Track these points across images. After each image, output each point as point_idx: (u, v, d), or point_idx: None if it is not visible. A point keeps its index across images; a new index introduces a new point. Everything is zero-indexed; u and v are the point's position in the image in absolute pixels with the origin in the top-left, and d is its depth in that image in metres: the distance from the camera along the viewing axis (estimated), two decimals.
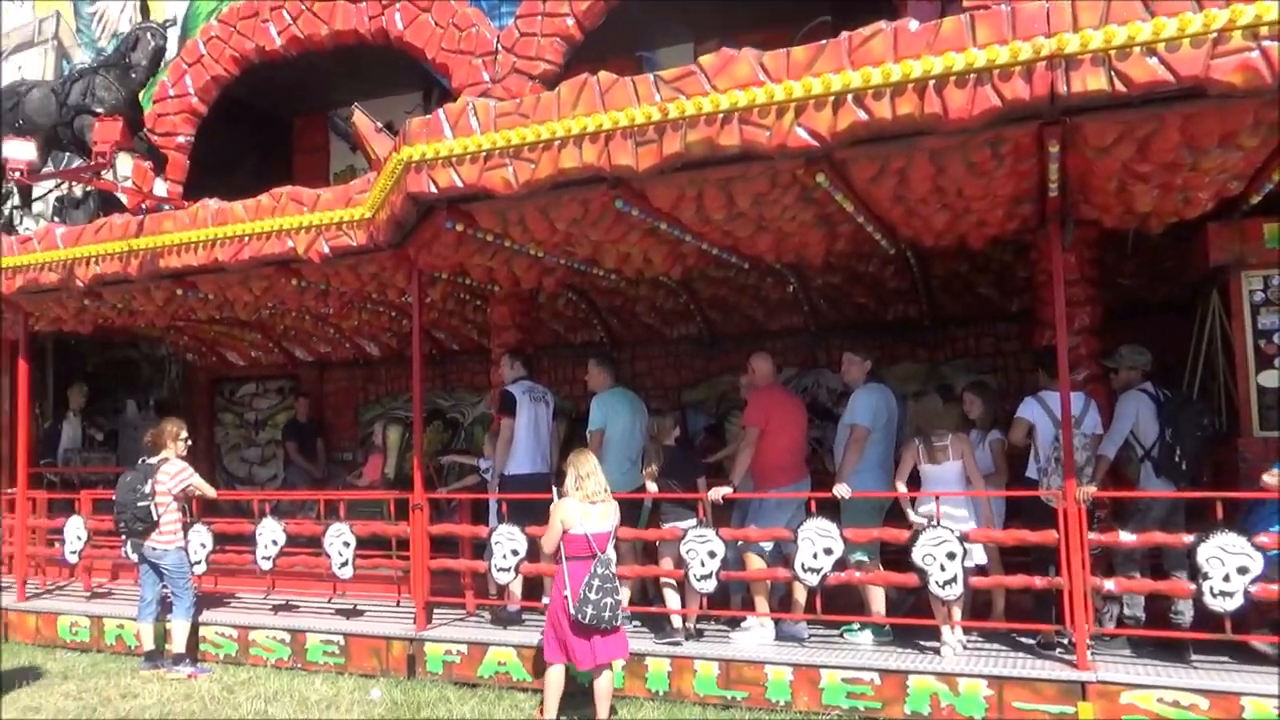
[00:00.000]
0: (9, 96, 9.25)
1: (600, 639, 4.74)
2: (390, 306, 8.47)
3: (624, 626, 4.97)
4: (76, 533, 7.74)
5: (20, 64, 10.61)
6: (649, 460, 5.98)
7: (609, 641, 4.78)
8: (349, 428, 10.71)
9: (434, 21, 8.15)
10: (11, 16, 11.16)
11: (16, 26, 11.07)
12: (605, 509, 4.86)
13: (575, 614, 4.64)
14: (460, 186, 4.77)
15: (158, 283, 7.04)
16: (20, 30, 11.04)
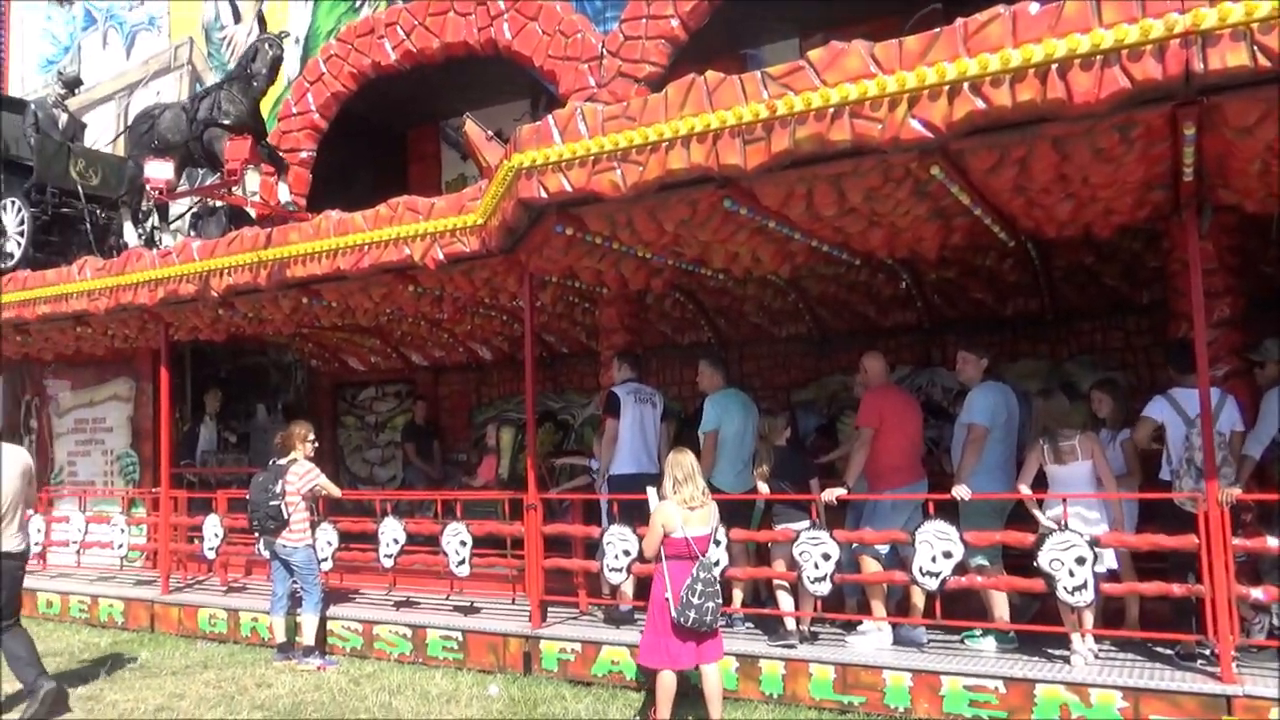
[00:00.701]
0: (144, 120, 9.85)
1: (698, 640, 4.73)
2: (502, 311, 8.66)
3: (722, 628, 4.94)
4: (214, 530, 8.19)
5: (159, 89, 11.31)
6: (760, 461, 5.92)
7: (707, 643, 4.77)
8: (463, 430, 10.99)
9: (541, 29, 8.30)
10: (150, 45, 11.90)
11: (155, 54, 11.81)
12: (704, 512, 4.84)
13: (677, 617, 4.64)
14: (569, 191, 4.84)
15: (285, 291, 7.37)
16: (158, 57, 11.76)
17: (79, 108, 11.79)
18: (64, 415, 11.49)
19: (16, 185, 10.31)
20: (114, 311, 8.35)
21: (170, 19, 11.74)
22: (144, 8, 12.03)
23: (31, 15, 13.45)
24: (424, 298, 7.31)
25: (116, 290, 8.19)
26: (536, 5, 8.32)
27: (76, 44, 12.87)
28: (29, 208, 9.99)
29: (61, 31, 13.10)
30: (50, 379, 11.69)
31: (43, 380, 11.76)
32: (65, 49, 13.01)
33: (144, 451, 10.51)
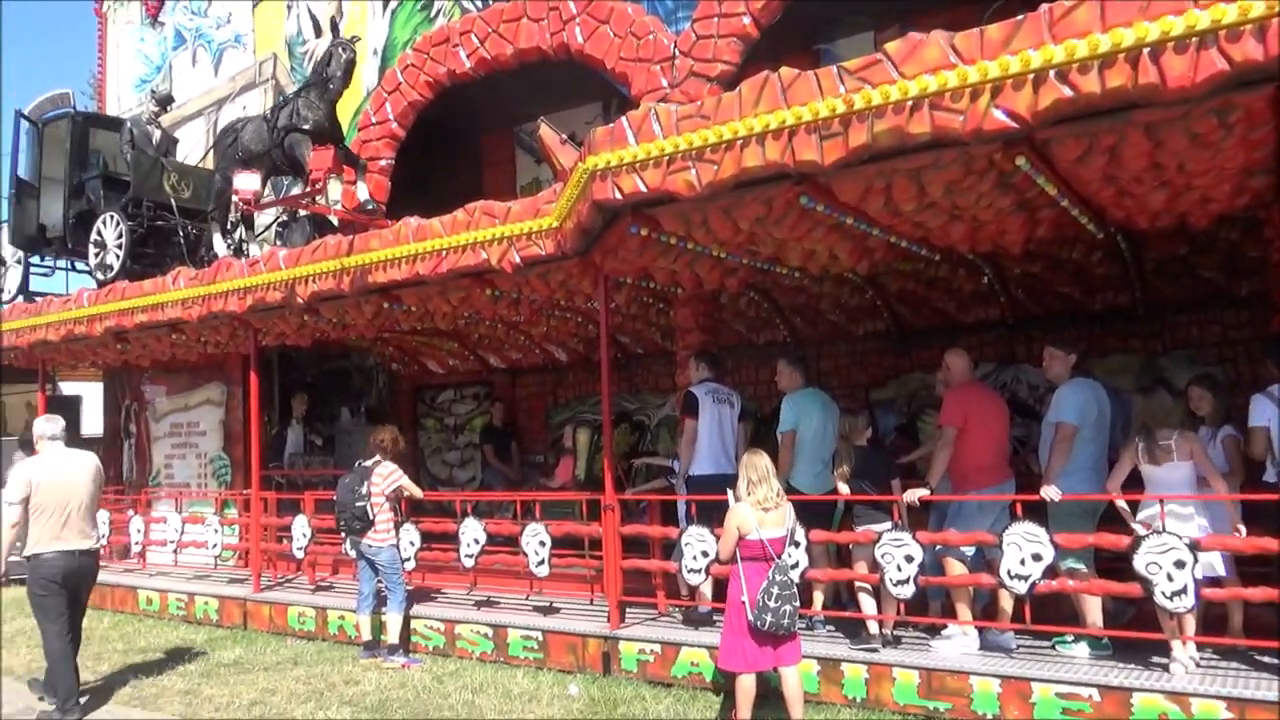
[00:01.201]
0: (228, 134, 10.25)
1: (776, 643, 4.68)
2: (577, 312, 8.73)
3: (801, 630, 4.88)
4: (302, 530, 8.43)
5: (245, 104, 11.71)
6: (841, 461, 5.84)
7: (786, 646, 4.72)
8: (540, 431, 11.11)
9: (612, 32, 8.33)
10: (236, 61, 12.32)
11: (241, 70, 12.22)
12: (779, 514, 4.79)
13: (754, 621, 4.60)
14: (644, 191, 4.84)
15: (366, 297, 7.55)
16: (244, 73, 12.18)
17: (171, 124, 12.27)
18: (160, 419, 11.96)
19: (115, 200, 10.78)
20: (206, 319, 8.66)
21: (255, 36, 12.14)
22: (230, 26, 12.46)
23: (126, 38, 14.06)
24: (501, 301, 7.40)
25: (208, 299, 8.50)
26: (608, 8, 8.36)
27: (168, 63, 13.40)
28: (126, 221, 10.43)
29: (154, 52, 13.66)
30: (147, 384, 12.18)
31: (141, 386, 12.27)
32: (157, 68, 13.57)
33: (235, 454, 10.87)
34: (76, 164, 11.23)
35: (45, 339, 10.19)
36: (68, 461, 6.11)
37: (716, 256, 5.83)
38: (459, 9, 9.83)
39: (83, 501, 6.01)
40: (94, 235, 10.69)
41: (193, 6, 13.07)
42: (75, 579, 5.98)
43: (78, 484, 6.02)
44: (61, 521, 5.90)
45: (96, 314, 9.52)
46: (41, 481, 5.93)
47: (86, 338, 9.81)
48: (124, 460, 12.51)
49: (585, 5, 8.53)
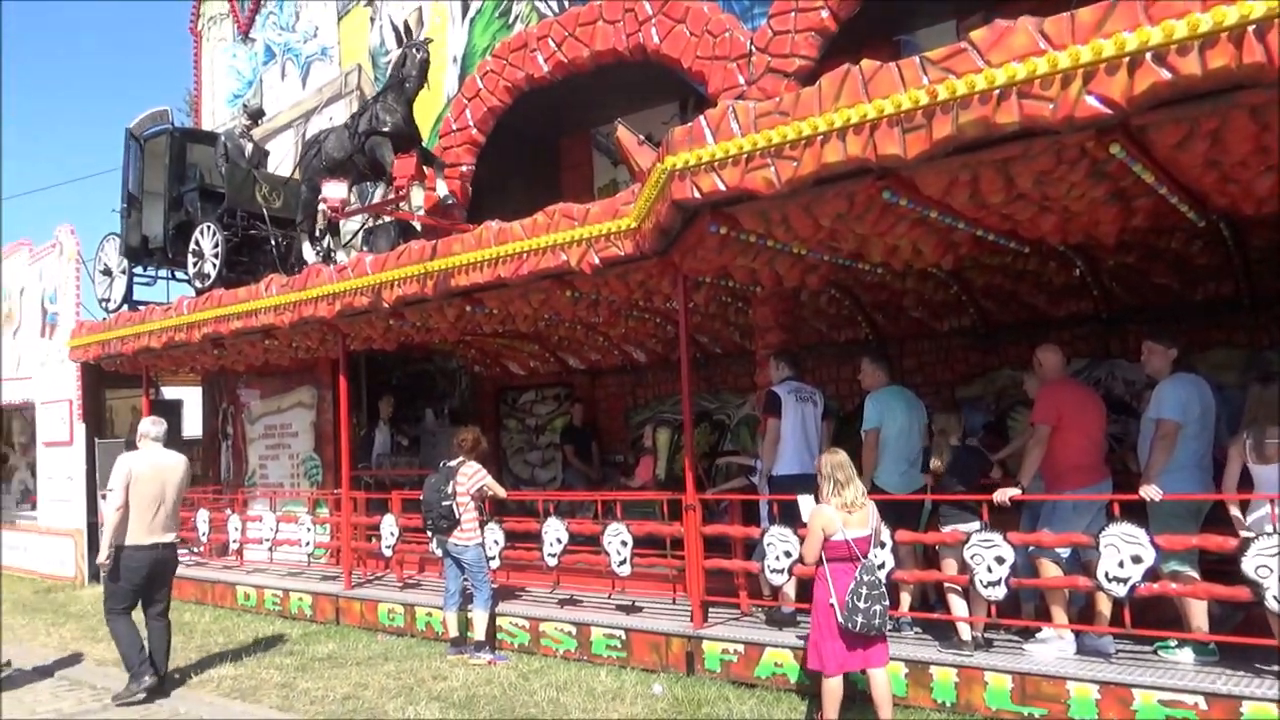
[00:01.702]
0: (312, 146, 10.61)
1: (865, 644, 4.61)
2: (655, 313, 8.74)
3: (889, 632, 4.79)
4: (390, 529, 8.63)
5: (331, 114, 12.04)
6: (938, 458, 5.69)
7: (874, 647, 4.64)
8: (620, 431, 11.16)
9: (689, 31, 8.32)
10: (323, 73, 12.69)
11: (328, 82, 12.58)
12: (863, 514, 4.72)
13: (844, 622, 4.54)
14: (723, 190, 4.82)
15: (450, 300, 7.69)
16: (331, 84, 12.53)
17: (262, 136, 12.71)
18: (255, 422, 12.41)
19: (211, 211, 11.21)
20: (297, 325, 8.95)
21: (340, 48, 12.48)
22: (317, 39, 12.84)
23: (220, 55, 14.62)
24: (580, 302, 7.46)
25: (299, 305, 8.78)
26: (684, 7, 8.35)
27: (258, 78, 13.89)
28: (222, 231, 10.84)
29: (245, 68, 14.17)
30: (243, 388, 12.66)
31: (236, 390, 12.75)
32: (249, 83, 14.07)
33: (326, 455, 11.21)
34: (175, 177, 11.71)
35: (148, 346, 10.67)
36: (164, 460, 6.64)
37: (797, 254, 5.77)
38: (536, 14, 9.93)
39: (173, 498, 6.57)
40: (192, 245, 11.14)
41: (281, 21, 13.52)
42: (159, 568, 6.55)
43: (171, 482, 6.57)
44: (153, 514, 6.43)
45: (195, 321, 9.92)
46: (140, 475, 6.43)
47: (186, 344, 10.23)
48: (222, 461, 13.02)
49: (661, 5, 8.54)
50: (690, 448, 6.51)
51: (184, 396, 14.62)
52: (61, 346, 12.74)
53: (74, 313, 12.97)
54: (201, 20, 15.13)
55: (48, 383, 13.37)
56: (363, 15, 12.15)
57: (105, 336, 11.31)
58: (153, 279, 12.54)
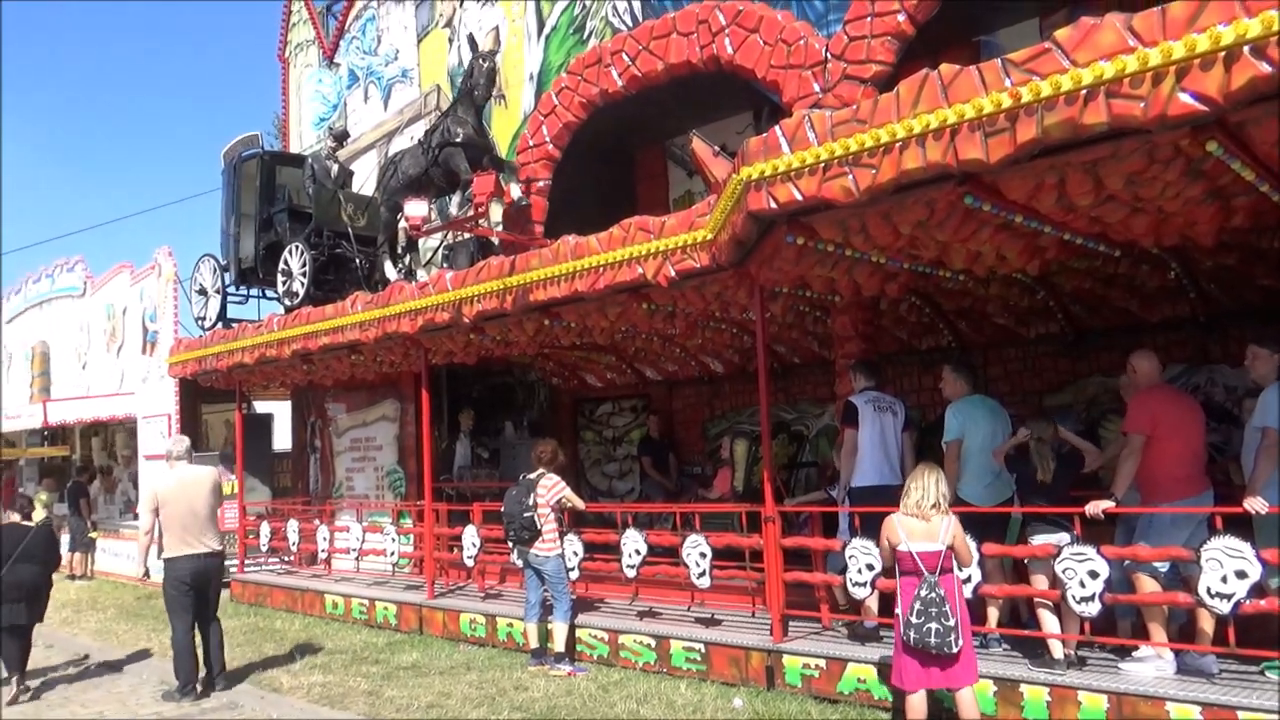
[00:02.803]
0: (389, 167, 10.93)
1: (943, 662, 4.48)
2: (732, 324, 8.71)
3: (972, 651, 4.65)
4: (472, 540, 8.77)
5: (412, 134, 12.34)
6: (1039, 467, 5.51)
7: (957, 665, 4.50)
8: (697, 442, 11.14)
9: (762, 41, 8.29)
10: (404, 95, 13.03)
11: (409, 102, 12.92)
12: (932, 526, 4.60)
13: (904, 637, 4.46)
14: (800, 200, 4.78)
15: (528, 314, 7.79)
16: (411, 105, 12.86)
17: (347, 157, 13.10)
18: (342, 435, 12.76)
19: (299, 232, 11.58)
20: (381, 340, 9.17)
21: (420, 70, 12.81)
22: (398, 62, 13.21)
23: (306, 81, 15.15)
24: (657, 314, 7.47)
25: (383, 321, 9.00)
26: (757, 16, 8.33)
27: (342, 101, 14.33)
28: (309, 250, 11.19)
29: (330, 92, 14.64)
30: (330, 402, 13.04)
31: (324, 404, 13.13)
32: (334, 106, 14.53)
33: (409, 467, 11.46)
34: (265, 199, 12.16)
35: (241, 362, 11.06)
36: (188, 476, 7.04)
37: (875, 262, 5.68)
38: (610, 30, 10.03)
39: (202, 510, 6.92)
40: (281, 264, 11.53)
41: (364, 46, 13.93)
42: (203, 577, 6.91)
43: (197, 495, 6.93)
44: (184, 527, 6.82)
45: (285, 338, 10.25)
46: (166, 496, 6.87)
47: (276, 360, 10.58)
48: (310, 473, 13.42)
49: (734, 16, 8.54)
50: (769, 459, 6.45)
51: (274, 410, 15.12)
52: (161, 363, 13.31)
53: (172, 331, 13.55)
54: (289, 48, 15.70)
55: (148, 398, 13.98)
56: (441, 37, 12.44)
57: (201, 353, 11.77)
58: (245, 297, 13.01)
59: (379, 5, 13.62)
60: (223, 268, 12.58)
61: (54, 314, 18.32)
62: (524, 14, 11.15)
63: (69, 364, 17.61)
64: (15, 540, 7.26)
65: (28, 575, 7.21)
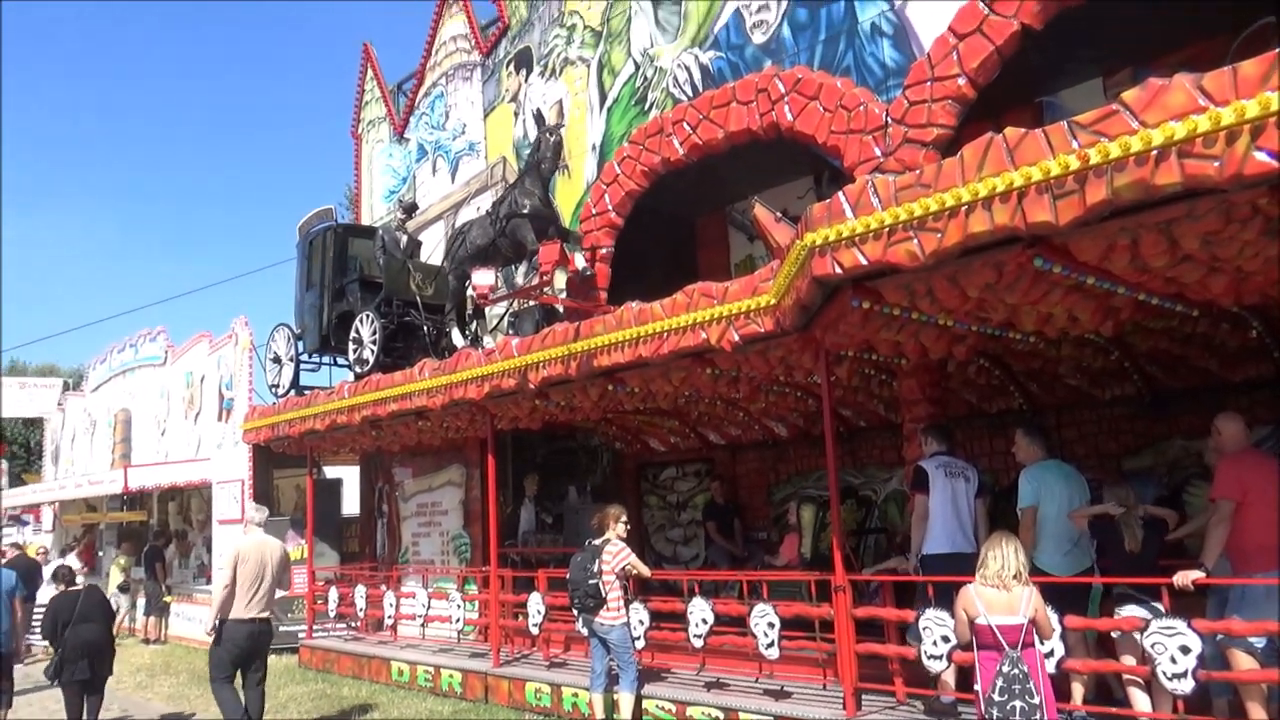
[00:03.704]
0: (456, 237, 11.21)
1: None
2: (796, 387, 8.65)
3: None
4: (537, 607, 8.72)
5: (479, 205, 12.70)
6: (1130, 538, 5.31)
7: None
8: (762, 507, 10.99)
9: (822, 107, 8.37)
10: (471, 167, 13.44)
11: (475, 174, 13.31)
12: (1013, 598, 4.43)
13: (985, 714, 4.28)
14: (865, 264, 4.77)
15: (593, 380, 7.85)
16: (478, 177, 13.25)
17: (415, 228, 13.51)
18: (409, 500, 12.90)
19: (370, 301, 11.95)
20: (448, 406, 9.32)
21: (487, 143, 13.21)
22: (465, 136, 13.66)
23: (378, 156, 15.75)
24: (721, 379, 7.47)
25: (449, 387, 9.15)
26: (816, 84, 8.43)
27: (412, 174, 14.83)
28: (379, 319, 11.51)
29: (400, 165, 15.18)
30: (397, 467, 13.21)
31: (391, 469, 13.32)
32: (403, 179, 15.04)
33: (474, 532, 11.50)
34: (338, 270, 12.57)
35: (313, 428, 11.32)
36: (265, 544, 7.35)
37: (943, 325, 5.61)
38: (671, 100, 10.24)
39: (270, 580, 7.20)
40: (353, 333, 11.86)
41: (433, 121, 14.44)
42: (256, 641, 7.16)
43: (270, 564, 7.22)
44: (252, 593, 7.06)
45: (355, 404, 10.48)
46: (245, 557, 7.14)
47: (346, 426, 10.80)
48: (377, 538, 13.56)
49: (793, 84, 8.66)
50: (838, 525, 6.33)
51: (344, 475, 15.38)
52: (236, 429, 13.69)
53: (247, 398, 13.97)
54: (362, 125, 16.38)
55: (223, 463, 14.36)
56: (507, 111, 12.84)
57: (274, 420, 12.08)
58: (317, 365, 13.36)
59: (447, 83, 14.14)
60: (296, 336, 12.97)
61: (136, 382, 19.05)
62: (586, 88, 11.47)
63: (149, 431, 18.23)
64: (70, 606, 7.73)
65: (90, 634, 7.66)
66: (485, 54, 13.33)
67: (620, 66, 11.02)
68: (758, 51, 9.38)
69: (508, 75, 12.87)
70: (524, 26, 12.69)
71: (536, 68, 12.35)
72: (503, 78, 12.96)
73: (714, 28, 9.89)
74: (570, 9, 11.86)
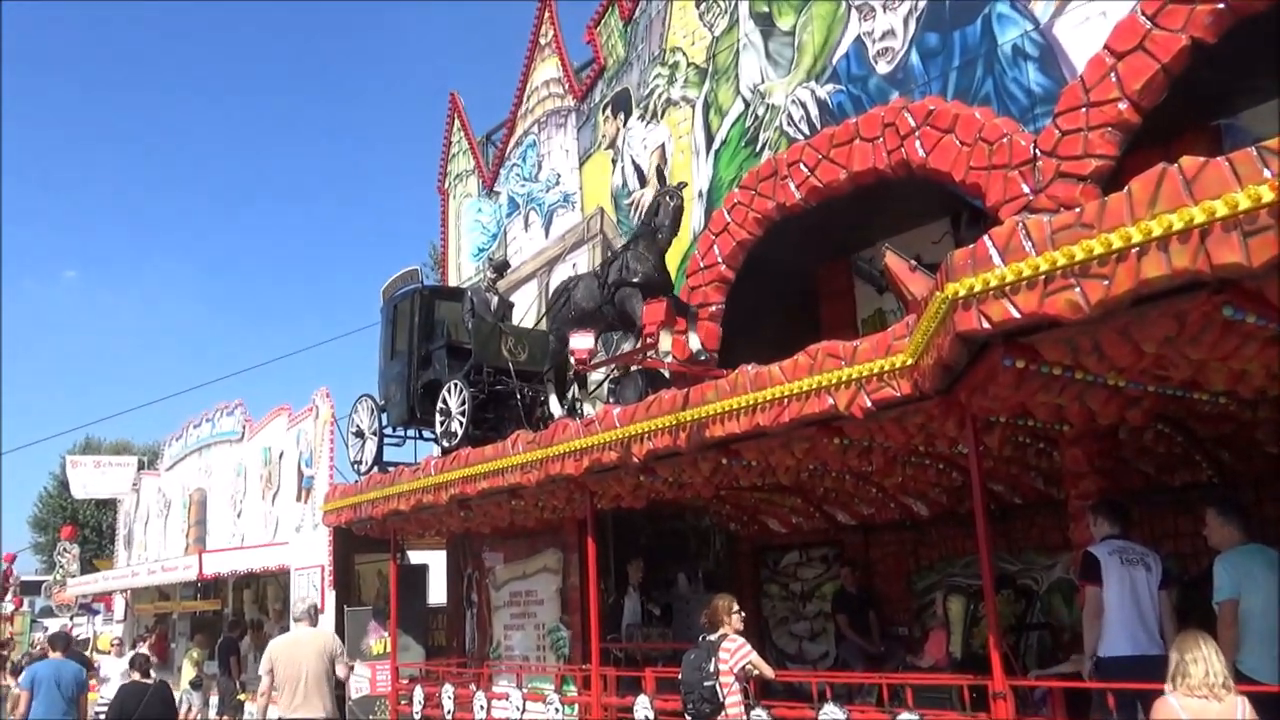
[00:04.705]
0: (560, 294, 11.33)
1: None
2: (939, 459, 8.45)
3: None
4: (644, 712, 8.61)
5: (575, 261, 12.99)
6: None
7: None
8: (902, 598, 10.69)
9: (959, 141, 8.30)
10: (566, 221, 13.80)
11: (570, 228, 13.65)
12: (1225, 709, 4.16)
13: None
14: (1017, 317, 4.66)
15: (704, 453, 7.83)
16: (573, 231, 13.59)
17: (506, 288, 13.88)
18: (500, 588, 13.01)
19: (458, 368, 12.24)
20: (543, 483, 9.42)
21: (583, 193, 13.56)
22: (559, 187, 14.07)
23: (465, 211, 16.34)
24: (850, 450, 7.36)
25: (545, 462, 9.26)
26: (951, 115, 8.37)
27: (502, 230, 15.32)
28: (469, 388, 11.76)
29: (489, 221, 15.70)
30: (487, 552, 13.37)
31: (481, 553, 13.48)
32: (493, 236, 15.54)
33: (572, 625, 11.49)
34: (423, 335, 12.96)
35: (397, 509, 11.59)
36: (302, 638, 7.69)
37: (1113, 386, 5.42)
38: (785, 140, 10.33)
39: (310, 674, 7.45)
40: (439, 404, 12.15)
41: (524, 172, 14.93)
42: None
43: (306, 656, 7.50)
44: (294, 692, 7.35)
45: (442, 482, 10.69)
46: (278, 658, 7.45)
47: (433, 506, 11.02)
48: (466, 630, 13.69)
49: (925, 116, 8.63)
50: (994, 620, 6.09)
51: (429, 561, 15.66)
52: (315, 510, 14.16)
53: (328, 476, 14.44)
54: (448, 179, 17.04)
55: (301, 548, 14.83)
56: (604, 159, 13.18)
57: (356, 500, 12.42)
58: (402, 439, 13.72)
59: (539, 131, 14.62)
60: (380, 408, 13.35)
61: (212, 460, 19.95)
62: (691, 130, 11.68)
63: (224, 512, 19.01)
64: (137, 699, 8.12)
65: None
66: (580, 99, 13.76)
67: (728, 105, 11.20)
68: (882, 82, 9.39)
69: (604, 120, 13.24)
70: (622, 67, 13.07)
71: (636, 111, 12.67)
72: (599, 123, 13.33)
73: (832, 59, 9.98)
74: (672, 46, 12.17)
